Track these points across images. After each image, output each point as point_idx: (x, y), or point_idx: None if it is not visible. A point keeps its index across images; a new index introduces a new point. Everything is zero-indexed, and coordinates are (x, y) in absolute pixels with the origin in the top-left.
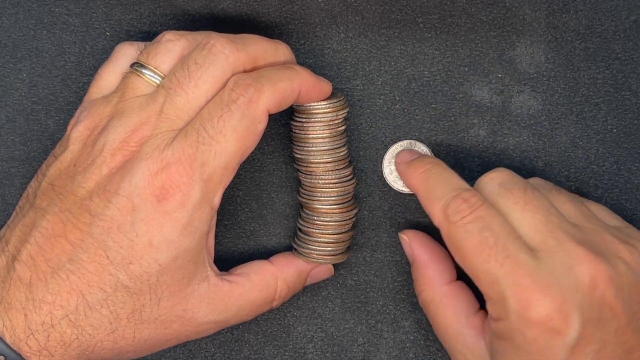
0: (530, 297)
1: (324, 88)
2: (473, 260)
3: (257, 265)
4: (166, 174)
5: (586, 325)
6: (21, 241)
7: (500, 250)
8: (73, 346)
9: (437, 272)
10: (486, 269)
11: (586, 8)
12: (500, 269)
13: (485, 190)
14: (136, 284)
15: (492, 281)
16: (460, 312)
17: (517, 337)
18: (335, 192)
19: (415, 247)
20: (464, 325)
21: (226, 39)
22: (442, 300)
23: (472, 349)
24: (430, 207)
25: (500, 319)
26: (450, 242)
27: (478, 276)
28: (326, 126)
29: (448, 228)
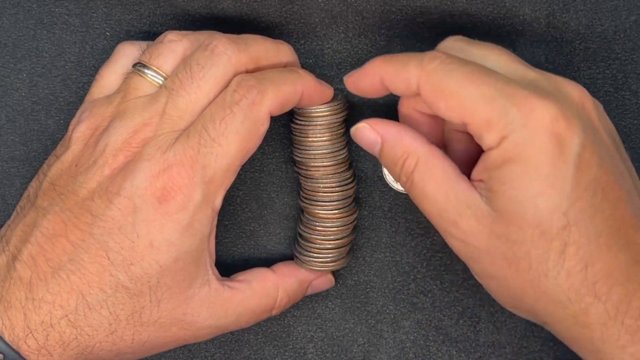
0: (533, 102)
1: (326, 92)
2: (464, 90)
3: (259, 273)
4: (168, 176)
5: (587, 134)
6: (22, 241)
7: (490, 75)
8: (72, 346)
9: (414, 136)
10: (480, 92)
11: (586, 8)
12: (494, 87)
13: (454, 47)
14: (136, 285)
15: (488, 101)
16: (448, 169)
17: (524, 150)
18: (336, 196)
19: (379, 126)
20: (453, 180)
21: (228, 40)
22: (427, 161)
23: (466, 199)
24: (403, 73)
25: (504, 137)
26: (434, 88)
27: (472, 105)
28: (326, 129)
29: (428, 77)
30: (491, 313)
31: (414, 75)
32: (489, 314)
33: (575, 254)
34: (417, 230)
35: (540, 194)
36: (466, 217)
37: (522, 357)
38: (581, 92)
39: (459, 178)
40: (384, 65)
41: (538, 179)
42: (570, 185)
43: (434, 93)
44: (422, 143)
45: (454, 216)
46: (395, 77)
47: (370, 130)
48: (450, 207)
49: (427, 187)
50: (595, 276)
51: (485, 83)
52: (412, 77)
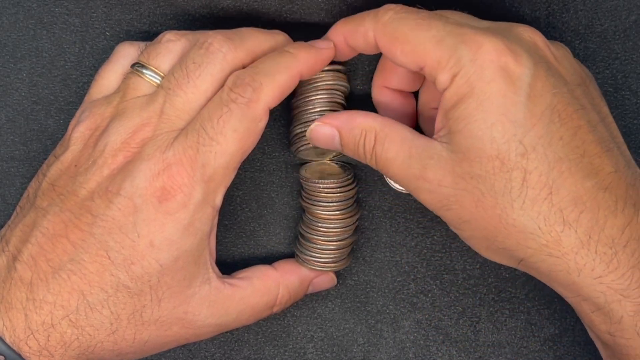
0: (479, 38)
1: (324, 57)
2: (415, 35)
3: (260, 270)
4: (167, 175)
5: (538, 67)
6: (22, 241)
7: (439, 19)
8: (73, 346)
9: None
10: (430, 35)
11: (586, 8)
12: (443, 29)
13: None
14: (137, 284)
15: (438, 41)
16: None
17: (475, 84)
18: (338, 197)
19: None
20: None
21: (223, 37)
22: (383, 130)
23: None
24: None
25: (455, 74)
26: (389, 37)
27: (424, 47)
28: (328, 94)
29: (383, 27)
30: (491, 313)
31: (370, 28)
32: (489, 314)
33: (538, 180)
34: (417, 230)
35: (494, 125)
36: (430, 167)
37: (522, 357)
38: (533, 33)
39: (417, 136)
40: (344, 26)
41: (491, 110)
42: (523, 114)
43: (390, 41)
44: (375, 117)
45: (419, 170)
46: (355, 33)
47: (324, 126)
48: (414, 162)
49: (389, 153)
50: (561, 202)
51: (435, 26)
52: (368, 30)
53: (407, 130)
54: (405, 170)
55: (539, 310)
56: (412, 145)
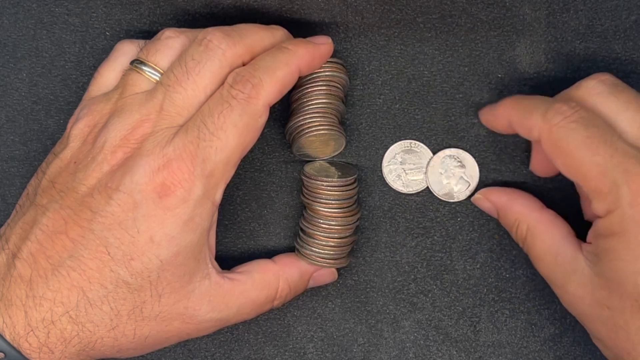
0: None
1: (323, 54)
2: (580, 155)
3: (259, 264)
4: (167, 171)
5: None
6: (22, 239)
7: (609, 144)
8: (73, 343)
9: (523, 204)
10: (595, 161)
11: (586, 8)
12: (610, 160)
13: (595, 89)
14: (137, 280)
15: (602, 172)
16: (556, 234)
17: (629, 227)
18: (338, 195)
19: (493, 196)
20: (560, 244)
21: (222, 34)
22: (536, 227)
23: (572, 264)
24: (527, 121)
25: (611, 211)
26: (554, 145)
27: (586, 171)
28: (325, 85)
29: (550, 131)
30: (491, 313)
31: (536, 126)
32: (489, 314)
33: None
34: (417, 230)
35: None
36: (572, 282)
37: (522, 357)
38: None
39: (566, 244)
40: (512, 108)
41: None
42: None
43: (553, 149)
44: (532, 210)
45: (561, 281)
46: (520, 123)
47: (485, 201)
48: (558, 271)
49: (537, 253)
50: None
51: (603, 153)
52: (534, 127)
53: (559, 234)
54: (549, 275)
55: (539, 310)
56: (559, 254)
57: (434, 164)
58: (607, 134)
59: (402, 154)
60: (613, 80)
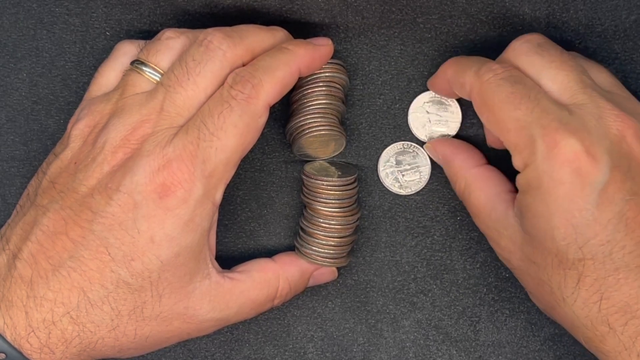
0: (558, 137)
1: (323, 55)
2: (503, 110)
3: (259, 263)
4: (168, 171)
5: (615, 171)
6: (22, 239)
7: (532, 100)
8: (74, 343)
9: (463, 159)
10: (516, 116)
11: (586, 8)
12: (529, 115)
13: (522, 48)
14: (137, 280)
15: (521, 127)
16: (491, 191)
17: (544, 181)
18: (339, 194)
19: (439, 147)
20: (494, 201)
21: (223, 34)
22: (473, 184)
23: (503, 220)
24: (461, 77)
25: (527, 165)
26: (482, 100)
27: (507, 125)
28: (326, 87)
29: (480, 87)
30: (491, 313)
31: (469, 82)
32: (489, 314)
33: (591, 285)
34: (417, 230)
35: (557, 227)
36: (503, 237)
37: (522, 357)
38: (623, 124)
39: (500, 200)
40: (449, 67)
41: (555, 212)
42: (587, 221)
43: (480, 104)
44: (470, 166)
45: (494, 235)
46: (456, 80)
47: (432, 150)
48: (492, 226)
49: (473, 207)
50: (610, 308)
51: (524, 108)
52: (467, 83)
53: (494, 190)
54: (484, 229)
55: (539, 310)
56: (493, 209)
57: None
58: (532, 90)
59: (397, 156)
60: (539, 40)
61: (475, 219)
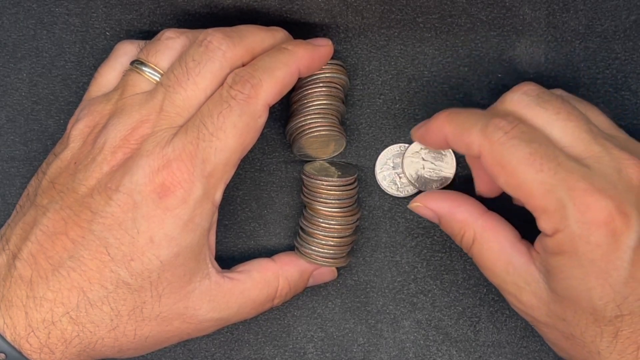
0: (589, 199)
1: (323, 56)
2: (524, 172)
3: (259, 263)
4: (167, 171)
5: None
6: (22, 239)
7: (552, 159)
8: (74, 343)
9: (467, 210)
10: (540, 178)
11: (586, 8)
12: (554, 177)
13: (521, 102)
14: (137, 280)
15: (547, 190)
16: (504, 241)
17: (578, 246)
18: (338, 194)
19: (432, 203)
20: (510, 253)
21: (223, 35)
22: (483, 235)
23: (524, 275)
24: (466, 137)
25: (559, 230)
26: (495, 162)
27: (530, 189)
28: (326, 87)
29: (491, 148)
30: (491, 313)
31: (476, 142)
32: (489, 314)
33: (628, 337)
34: (417, 230)
35: (593, 288)
36: (525, 292)
37: (522, 357)
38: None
39: (517, 253)
40: (448, 124)
41: (591, 273)
42: (624, 279)
43: (495, 166)
44: (477, 216)
45: (513, 290)
46: (458, 139)
47: (425, 209)
48: (510, 281)
49: (486, 262)
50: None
51: (547, 169)
52: (474, 143)
53: (507, 241)
54: (500, 284)
55: None
56: (510, 263)
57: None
58: (549, 148)
59: (394, 158)
60: (537, 91)
61: (489, 273)
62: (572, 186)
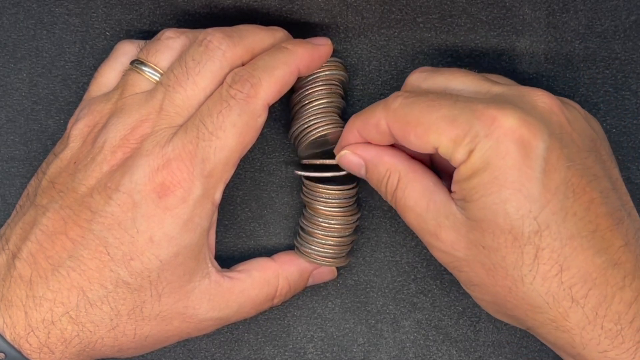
0: (493, 112)
1: (322, 55)
2: (426, 117)
3: (259, 262)
4: (167, 171)
5: (552, 139)
6: (22, 239)
7: (449, 98)
8: (74, 343)
9: (393, 155)
10: (442, 114)
11: (586, 8)
12: (455, 106)
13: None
14: (137, 280)
15: (451, 120)
16: (427, 181)
17: (490, 158)
18: (338, 194)
19: (359, 149)
20: (432, 191)
21: (223, 34)
22: (407, 176)
23: (444, 210)
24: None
25: (471, 150)
26: (402, 123)
27: (437, 129)
28: (325, 85)
29: (394, 114)
30: None
31: (382, 117)
32: (489, 314)
33: (549, 257)
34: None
35: (508, 200)
36: (445, 227)
37: (522, 357)
38: (548, 98)
39: (438, 190)
40: (355, 120)
41: (505, 185)
42: (538, 190)
43: (402, 127)
44: (402, 159)
45: (434, 227)
46: (367, 126)
47: (353, 155)
48: (430, 218)
49: (409, 201)
50: (571, 279)
51: (446, 106)
52: (380, 119)
53: (430, 181)
54: (421, 224)
55: None
56: (431, 200)
57: None
58: (443, 94)
59: None
60: (431, 68)
61: (410, 214)
62: (474, 108)
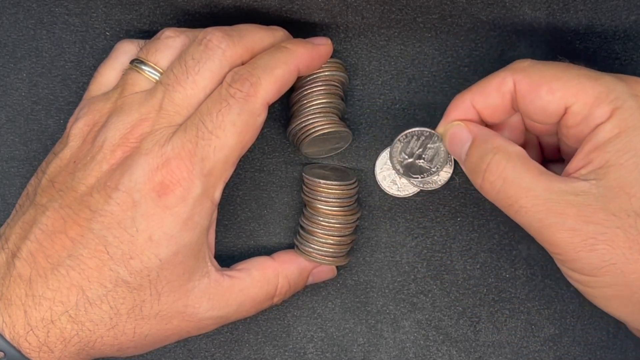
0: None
1: (322, 55)
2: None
3: (258, 261)
4: (166, 170)
5: None
6: (21, 238)
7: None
8: (73, 342)
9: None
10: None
11: (586, 8)
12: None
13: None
14: (136, 279)
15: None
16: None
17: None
18: (338, 194)
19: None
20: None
21: (222, 33)
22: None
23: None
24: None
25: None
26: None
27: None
28: (325, 85)
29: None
30: (491, 313)
31: (508, 76)
32: (489, 315)
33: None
34: (417, 230)
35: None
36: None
37: (522, 357)
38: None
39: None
40: (468, 91)
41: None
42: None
43: (534, 81)
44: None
45: (561, 207)
46: (486, 89)
47: (464, 129)
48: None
49: (524, 181)
50: None
51: (584, 69)
52: (505, 78)
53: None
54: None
55: (539, 310)
56: (550, 180)
57: None
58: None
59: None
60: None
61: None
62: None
